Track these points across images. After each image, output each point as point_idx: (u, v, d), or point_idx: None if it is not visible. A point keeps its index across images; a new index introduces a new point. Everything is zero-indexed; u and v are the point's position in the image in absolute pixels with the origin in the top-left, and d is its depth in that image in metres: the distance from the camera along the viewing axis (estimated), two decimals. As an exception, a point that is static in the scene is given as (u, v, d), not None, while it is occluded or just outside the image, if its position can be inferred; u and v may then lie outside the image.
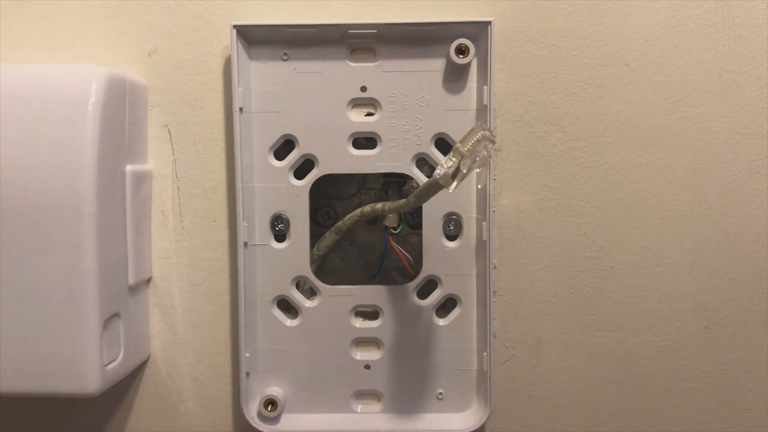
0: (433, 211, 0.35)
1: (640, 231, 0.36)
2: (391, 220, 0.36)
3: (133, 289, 0.34)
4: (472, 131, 0.28)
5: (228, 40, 0.34)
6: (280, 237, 0.35)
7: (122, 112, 0.33)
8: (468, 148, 0.28)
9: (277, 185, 0.35)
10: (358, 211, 0.35)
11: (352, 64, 0.34)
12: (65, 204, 0.30)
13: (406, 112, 0.34)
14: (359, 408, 0.36)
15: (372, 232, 0.37)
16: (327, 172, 0.35)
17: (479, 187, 0.34)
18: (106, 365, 0.32)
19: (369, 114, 0.35)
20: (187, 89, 0.35)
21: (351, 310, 0.35)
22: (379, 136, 0.35)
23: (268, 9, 0.35)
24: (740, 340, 0.36)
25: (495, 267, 0.36)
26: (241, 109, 0.34)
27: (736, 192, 0.35)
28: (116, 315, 0.33)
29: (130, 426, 0.37)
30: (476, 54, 0.34)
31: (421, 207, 0.34)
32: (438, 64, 0.34)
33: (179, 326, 0.37)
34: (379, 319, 0.36)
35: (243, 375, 0.35)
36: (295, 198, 0.35)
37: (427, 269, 0.35)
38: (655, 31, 0.35)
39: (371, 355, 0.36)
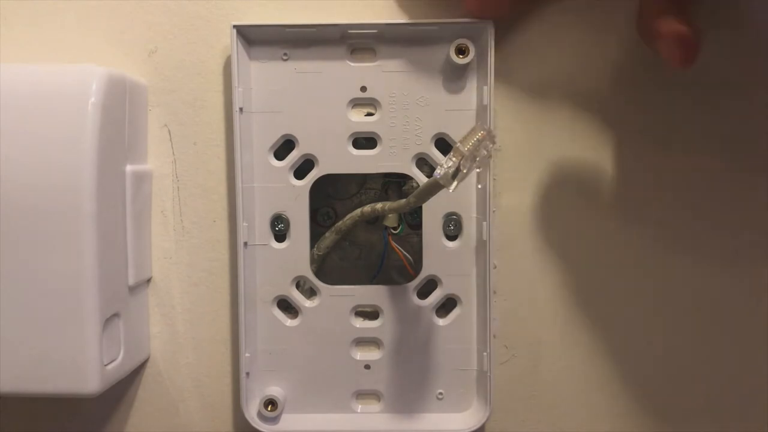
0: (433, 211, 0.35)
1: (640, 230, 0.36)
2: (391, 220, 0.36)
3: (133, 289, 0.34)
4: (472, 131, 0.28)
5: (228, 40, 0.34)
6: (280, 237, 0.35)
7: (122, 112, 0.33)
8: (468, 148, 0.28)
9: (277, 185, 0.35)
10: (358, 211, 0.35)
11: (352, 64, 0.34)
12: (65, 204, 0.30)
13: (406, 112, 0.34)
14: (359, 408, 0.36)
15: (372, 232, 0.37)
16: (327, 172, 0.35)
17: (479, 187, 0.34)
18: (106, 365, 0.32)
19: (369, 114, 0.35)
20: (187, 89, 0.35)
21: (351, 310, 0.35)
22: (379, 136, 0.35)
23: (268, 9, 0.35)
24: (740, 340, 0.36)
25: (495, 267, 0.36)
26: (241, 109, 0.34)
27: (737, 190, 0.35)
28: (116, 315, 0.33)
29: (130, 426, 0.37)
30: (476, 54, 0.34)
31: (421, 207, 0.34)
32: (438, 64, 0.34)
33: (179, 326, 0.37)
34: (379, 319, 0.36)
35: (243, 375, 0.35)
36: (295, 198, 0.35)
37: (427, 269, 0.35)
38: (655, 31, 0.35)
39: (371, 355, 0.36)
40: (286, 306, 0.36)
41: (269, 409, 0.35)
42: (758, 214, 0.35)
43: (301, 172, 0.35)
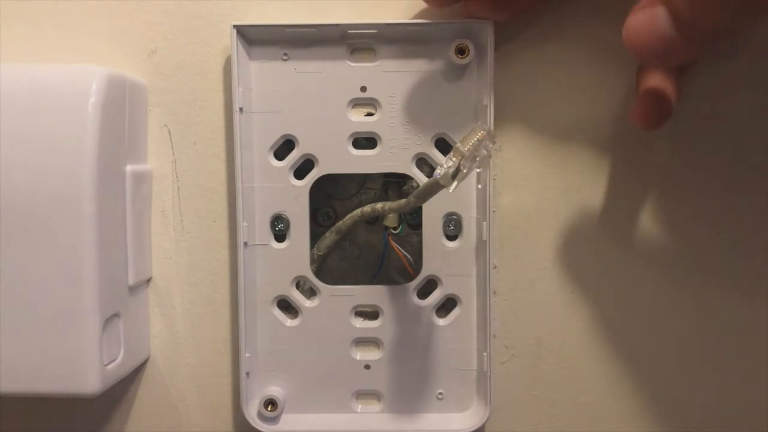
0: (433, 211, 0.35)
1: (640, 230, 0.36)
2: (391, 220, 0.36)
3: (133, 289, 0.34)
4: (472, 131, 0.28)
5: (228, 40, 0.34)
6: (280, 237, 0.35)
7: (122, 112, 0.33)
8: (468, 148, 0.28)
9: (277, 185, 0.35)
10: (358, 211, 0.35)
11: (352, 64, 0.34)
12: (65, 204, 0.30)
13: (406, 112, 0.34)
14: (359, 408, 0.36)
15: (372, 232, 0.37)
16: (327, 172, 0.35)
17: (479, 187, 0.34)
18: (106, 365, 0.32)
19: (369, 114, 0.35)
20: (187, 89, 0.35)
21: (351, 310, 0.35)
22: (379, 136, 0.35)
23: (268, 9, 0.35)
24: (740, 340, 0.36)
25: (495, 267, 0.36)
26: (241, 109, 0.34)
27: (737, 190, 0.35)
28: (116, 315, 0.33)
29: (130, 426, 0.37)
30: (476, 54, 0.34)
31: (421, 207, 0.34)
32: (438, 64, 0.34)
33: (179, 326, 0.37)
34: (379, 319, 0.36)
35: (243, 375, 0.35)
36: (295, 198, 0.35)
37: (427, 269, 0.35)
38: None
39: (371, 355, 0.36)
40: (286, 306, 0.36)
41: (269, 409, 0.35)
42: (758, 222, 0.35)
43: (301, 172, 0.35)
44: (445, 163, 0.28)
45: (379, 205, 0.35)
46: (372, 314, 0.36)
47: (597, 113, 0.35)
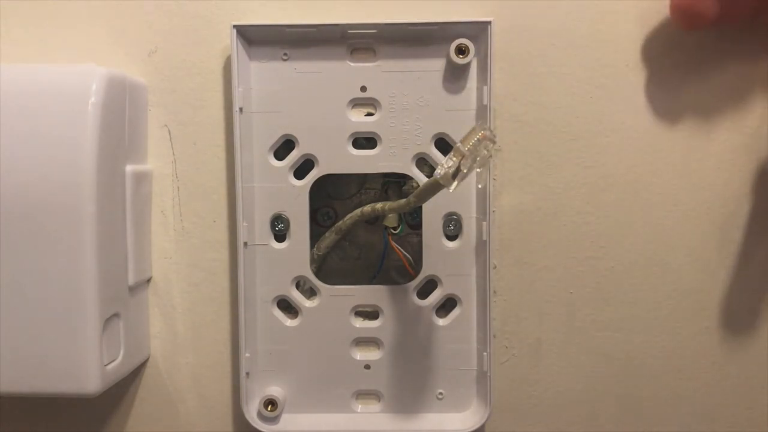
0: (433, 211, 0.35)
1: (640, 230, 0.36)
2: (391, 220, 0.36)
3: (133, 289, 0.34)
4: (472, 131, 0.28)
5: (228, 40, 0.34)
6: (280, 237, 0.35)
7: (122, 112, 0.33)
8: (469, 148, 0.28)
9: (277, 185, 0.35)
10: (358, 211, 0.35)
11: (352, 64, 0.34)
12: (65, 204, 0.30)
13: (406, 112, 0.34)
14: (359, 408, 0.36)
15: (372, 232, 0.37)
16: (327, 172, 0.35)
17: (479, 187, 0.34)
18: (106, 365, 0.32)
19: (369, 114, 0.35)
20: (187, 89, 0.35)
21: (351, 310, 0.35)
22: (379, 136, 0.35)
23: (269, 9, 0.35)
24: (740, 340, 0.36)
25: (495, 267, 0.36)
26: (241, 109, 0.34)
27: (736, 191, 0.35)
28: (116, 315, 0.33)
29: (130, 426, 0.37)
30: (476, 54, 0.34)
31: (421, 207, 0.34)
32: (438, 64, 0.34)
33: (179, 326, 0.37)
34: (379, 319, 0.36)
35: (243, 375, 0.35)
36: (295, 198, 0.35)
37: (427, 269, 0.35)
38: (655, 30, 0.35)
39: (371, 355, 0.36)
40: (286, 306, 0.36)
41: (269, 409, 0.35)
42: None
43: (301, 172, 0.35)
44: (445, 163, 0.28)
45: (379, 205, 0.35)
46: (372, 314, 0.36)
47: (596, 113, 0.35)
